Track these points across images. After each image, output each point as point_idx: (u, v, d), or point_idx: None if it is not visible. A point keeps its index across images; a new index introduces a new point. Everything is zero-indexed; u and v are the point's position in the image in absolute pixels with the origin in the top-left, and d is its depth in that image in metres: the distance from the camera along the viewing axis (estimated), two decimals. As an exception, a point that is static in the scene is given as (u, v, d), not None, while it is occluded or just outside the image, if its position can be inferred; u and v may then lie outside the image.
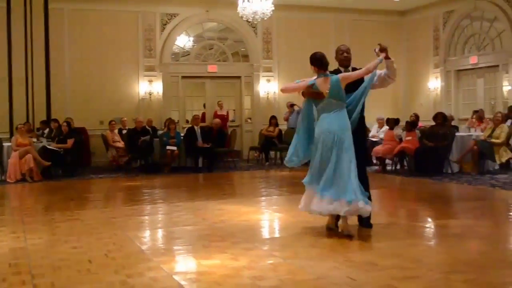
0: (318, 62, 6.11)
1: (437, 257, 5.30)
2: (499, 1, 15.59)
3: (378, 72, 6.26)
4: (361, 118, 6.27)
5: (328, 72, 6.14)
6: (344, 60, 6.39)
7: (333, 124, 5.96)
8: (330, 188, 5.84)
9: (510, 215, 7.85)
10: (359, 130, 6.27)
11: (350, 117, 6.08)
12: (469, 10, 16.83)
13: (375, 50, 6.26)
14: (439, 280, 4.41)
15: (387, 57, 6.20)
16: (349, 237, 5.81)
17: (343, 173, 5.81)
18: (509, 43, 15.49)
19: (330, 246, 5.54)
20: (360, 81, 6.20)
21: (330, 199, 5.82)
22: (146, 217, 7.81)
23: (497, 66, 16.18)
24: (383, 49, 6.20)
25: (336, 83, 6.00)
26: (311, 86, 6.10)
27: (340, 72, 6.29)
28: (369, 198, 6.04)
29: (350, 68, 6.37)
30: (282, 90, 6.66)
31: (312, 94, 6.12)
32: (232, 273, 4.60)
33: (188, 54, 17.83)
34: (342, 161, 5.85)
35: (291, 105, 16.30)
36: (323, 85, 6.03)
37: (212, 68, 17.40)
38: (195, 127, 14.27)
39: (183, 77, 17.23)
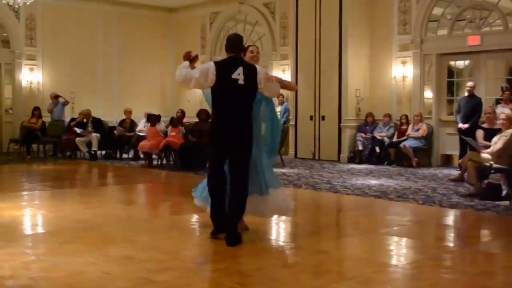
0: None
1: (193, 249, 5.54)
2: (261, 7, 16.65)
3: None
4: None
5: None
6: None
7: None
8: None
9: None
10: None
11: None
12: (233, 13, 17.71)
13: None
14: (192, 271, 4.62)
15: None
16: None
17: None
18: (268, 46, 16.62)
19: (87, 241, 5.47)
20: None
21: None
22: None
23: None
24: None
25: None
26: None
27: None
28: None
29: None
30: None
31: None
32: (-22, 274, 4.33)
33: None
34: None
35: (56, 96, 15.71)
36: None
37: (-35, 52, 16.04)
38: None
39: None
